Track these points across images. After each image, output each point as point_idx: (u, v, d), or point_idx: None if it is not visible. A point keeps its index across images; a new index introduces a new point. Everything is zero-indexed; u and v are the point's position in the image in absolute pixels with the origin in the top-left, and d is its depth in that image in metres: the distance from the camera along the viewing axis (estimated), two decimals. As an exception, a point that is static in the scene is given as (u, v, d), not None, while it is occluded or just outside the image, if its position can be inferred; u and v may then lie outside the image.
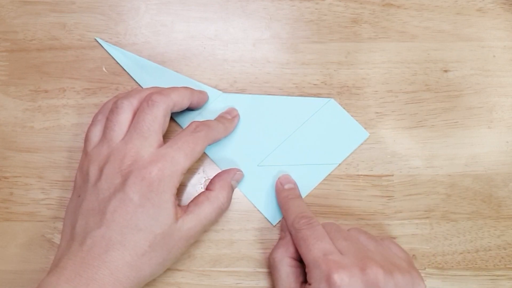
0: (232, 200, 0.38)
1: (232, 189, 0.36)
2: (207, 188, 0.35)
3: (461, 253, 0.38)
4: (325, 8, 0.40)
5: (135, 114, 0.33)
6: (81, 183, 0.33)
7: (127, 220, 0.30)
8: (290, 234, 0.34)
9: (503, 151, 0.39)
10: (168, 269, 0.37)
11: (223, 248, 0.37)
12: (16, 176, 0.38)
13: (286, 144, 0.38)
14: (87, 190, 0.32)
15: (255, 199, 0.38)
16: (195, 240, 0.33)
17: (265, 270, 0.37)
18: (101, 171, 0.31)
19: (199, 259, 0.37)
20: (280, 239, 0.36)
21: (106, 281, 0.29)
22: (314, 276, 0.30)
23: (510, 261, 0.38)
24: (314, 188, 0.38)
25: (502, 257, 0.38)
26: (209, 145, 0.35)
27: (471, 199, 0.38)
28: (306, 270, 0.31)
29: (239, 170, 0.37)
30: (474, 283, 0.37)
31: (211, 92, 0.38)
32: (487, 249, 0.38)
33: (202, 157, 0.38)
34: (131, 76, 0.39)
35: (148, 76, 0.38)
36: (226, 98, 0.38)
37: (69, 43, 0.40)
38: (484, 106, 0.39)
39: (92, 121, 0.35)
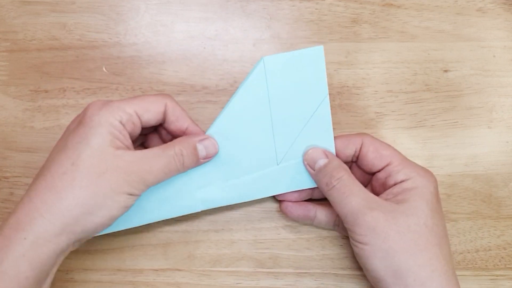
0: (232, 200, 0.38)
1: (194, 149, 0.32)
2: None
3: (461, 253, 0.38)
4: (325, 8, 0.40)
5: None
6: None
7: (58, 146, 0.30)
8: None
9: (503, 151, 0.39)
10: (168, 269, 0.37)
11: (223, 248, 0.37)
12: (16, 176, 0.38)
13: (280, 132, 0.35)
14: None
15: (283, 189, 0.36)
16: (141, 183, 0.30)
17: (265, 270, 0.37)
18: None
19: (199, 259, 0.37)
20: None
21: (24, 209, 0.28)
22: None
23: (510, 261, 0.38)
24: (314, 188, 0.38)
25: (502, 257, 0.38)
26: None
27: (471, 199, 0.38)
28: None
29: (210, 138, 0.33)
30: (474, 283, 0.37)
31: None
32: (487, 249, 0.38)
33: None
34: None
35: None
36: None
37: (69, 43, 0.40)
38: (484, 106, 0.39)
39: None
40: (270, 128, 0.34)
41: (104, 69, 0.39)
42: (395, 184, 0.32)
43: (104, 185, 0.28)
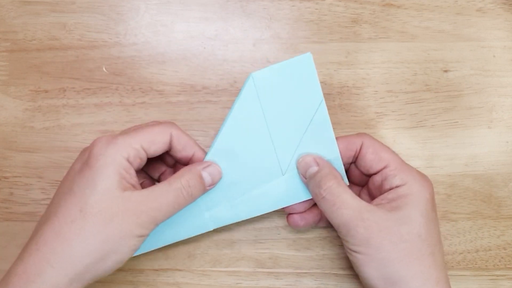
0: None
1: (200, 178, 0.32)
2: None
3: (461, 253, 0.38)
4: (325, 8, 0.40)
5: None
6: None
7: (63, 188, 0.29)
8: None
9: (503, 151, 0.39)
10: (168, 269, 0.37)
11: (223, 248, 0.37)
12: (16, 176, 0.38)
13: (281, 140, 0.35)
14: None
15: (288, 201, 0.35)
16: (152, 223, 0.29)
17: (265, 270, 0.37)
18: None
19: (199, 259, 0.37)
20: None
21: (32, 258, 0.27)
22: None
23: (510, 261, 0.38)
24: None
25: (502, 257, 0.38)
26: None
27: (471, 199, 0.38)
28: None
29: (213, 164, 0.33)
30: (474, 283, 0.37)
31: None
32: (487, 249, 0.38)
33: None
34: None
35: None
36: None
37: (69, 43, 0.40)
38: (484, 106, 0.39)
39: None
40: (270, 142, 0.34)
41: (104, 69, 0.39)
42: (390, 189, 0.32)
43: (114, 231, 0.28)
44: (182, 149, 0.33)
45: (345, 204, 0.31)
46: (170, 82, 0.39)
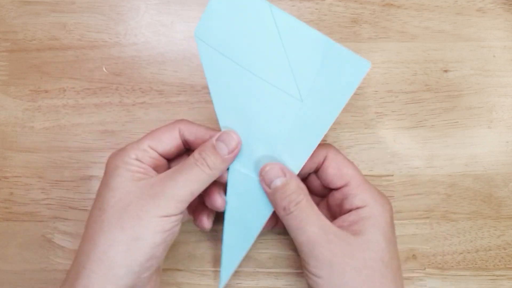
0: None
1: (213, 149, 0.30)
2: None
3: (461, 253, 0.38)
4: (325, 8, 0.40)
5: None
6: None
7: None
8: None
9: (503, 151, 0.39)
10: (168, 269, 0.37)
11: (223, 248, 0.37)
12: (16, 176, 0.38)
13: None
14: None
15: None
16: (173, 200, 0.28)
17: (265, 270, 0.37)
18: None
19: (199, 259, 0.37)
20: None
21: (73, 267, 0.28)
22: None
23: (510, 261, 0.38)
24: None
25: (502, 257, 0.38)
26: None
27: (471, 199, 0.38)
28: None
29: (226, 131, 0.31)
30: (474, 283, 0.37)
31: None
32: (487, 249, 0.38)
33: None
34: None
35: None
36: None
37: (69, 43, 0.40)
38: (484, 106, 0.39)
39: None
40: (261, 80, 0.31)
41: (104, 69, 0.39)
42: (350, 209, 0.31)
43: (130, 216, 0.28)
44: (196, 138, 0.32)
45: (312, 221, 0.29)
46: (170, 82, 0.39)
